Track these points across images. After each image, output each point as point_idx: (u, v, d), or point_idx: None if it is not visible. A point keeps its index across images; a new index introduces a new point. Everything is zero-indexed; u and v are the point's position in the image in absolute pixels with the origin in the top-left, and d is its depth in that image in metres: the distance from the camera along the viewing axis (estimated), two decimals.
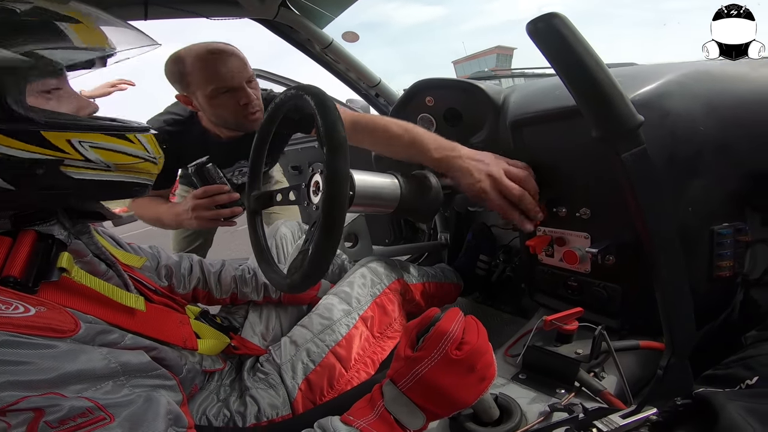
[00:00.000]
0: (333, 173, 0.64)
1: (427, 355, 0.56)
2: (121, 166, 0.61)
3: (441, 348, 0.55)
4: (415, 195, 0.97)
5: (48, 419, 0.42)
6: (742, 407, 0.50)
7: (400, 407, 0.57)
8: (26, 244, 0.55)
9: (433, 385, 0.55)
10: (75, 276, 0.57)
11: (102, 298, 0.59)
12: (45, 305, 0.50)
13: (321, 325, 0.94)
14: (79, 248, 0.63)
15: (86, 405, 0.44)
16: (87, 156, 0.56)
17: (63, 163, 0.54)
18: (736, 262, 0.86)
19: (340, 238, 0.67)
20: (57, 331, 0.48)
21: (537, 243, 0.98)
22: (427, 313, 0.62)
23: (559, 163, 0.95)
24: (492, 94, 1.10)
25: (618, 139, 0.63)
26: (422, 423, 0.58)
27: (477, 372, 0.57)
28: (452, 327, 0.57)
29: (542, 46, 0.61)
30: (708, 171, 0.81)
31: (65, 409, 0.43)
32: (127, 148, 0.61)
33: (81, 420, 0.43)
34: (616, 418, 0.60)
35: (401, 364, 0.58)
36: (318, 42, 1.58)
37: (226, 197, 1.18)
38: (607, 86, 0.60)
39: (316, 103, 0.70)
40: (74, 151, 0.55)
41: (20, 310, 0.47)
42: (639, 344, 0.86)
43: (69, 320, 0.50)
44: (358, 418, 0.57)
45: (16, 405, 0.41)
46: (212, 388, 0.87)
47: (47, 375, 0.44)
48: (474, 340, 0.57)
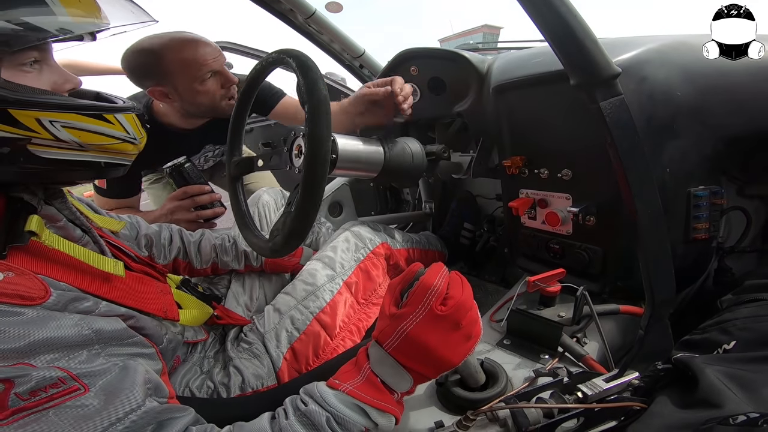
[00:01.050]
0: (314, 131, 0.63)
1: (412, 311, 0.54)
2: (96, 147, 0.57)
3: (425, 303, 0.54)
4: (398, 159, 0.96)
5: (17, 391, 0.40)
6: (721, 372, 0.51)
7: (386, 369, 0.56)
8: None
9: (419, 343, 0.54)
10: (46, 240, 0.55)
11: (76, 264, 0.57)
12: (13, 270, 0.47)
13: (305, 291, 0.93)
14: (51, 213, 0.60)
15: (58, 374, 0.43)
16: (58, 135, 0.53)
17: (30, 141, 0.52)
18: (711, 224, 0.88)
19: (322, 196, 0.66)
20: (25, 298, 0.46)
21: (520, 204, 0.99)
22: (411, 269, 0.61)
23: (541, 126, 0.96)
24: (476, 62, 1.10)
25: (595, 86, 0.63)
26: (409, 385, 0.57)
27: (463, 329, 0.56)
28: (436, 281, 0.55)
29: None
30: (685, 133, 0.83)
31: (35, 379, 0.41)
32: (105, 129, 0.58)
33: (53, 391, 0.42)
34: (599, 381, 0.60)
35: (386, 322, 0.57)
36: (300, 12, 1.53)
37: (208, 197, 1.17)
38: (582, 34, 0.60)
39: (298, 64, 0.69)
40: (43, 131, 0.52)
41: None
42: (620, 308, 0.88)
43: (38, 286, 0.48)
44: (344, 382, 0.56)
45: None
46: (195, 360, 0.86)
47: (14, 344, 0.42)
48: (458, 295, 0.56)
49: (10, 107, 0.49)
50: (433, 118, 1.29)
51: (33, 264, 0.52)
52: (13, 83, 0.52)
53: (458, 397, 0.69)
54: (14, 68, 0.53)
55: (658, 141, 0.81)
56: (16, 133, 0.50)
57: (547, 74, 0.88)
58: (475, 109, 1.12)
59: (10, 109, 0.49)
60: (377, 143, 0.96)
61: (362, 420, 0.53)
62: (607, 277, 0.93)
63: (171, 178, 1.18)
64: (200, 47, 1.15)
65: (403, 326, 0.55)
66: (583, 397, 0.58)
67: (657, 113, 0.80)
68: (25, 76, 0.54)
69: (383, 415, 0.55)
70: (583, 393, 0.59)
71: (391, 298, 0.60)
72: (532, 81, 0.93)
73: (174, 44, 1.12)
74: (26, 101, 0.51)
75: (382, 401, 0.55)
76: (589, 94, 0.64)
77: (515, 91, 0.98)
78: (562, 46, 0.62)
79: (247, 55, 2.06)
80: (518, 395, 0.64)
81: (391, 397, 0.56)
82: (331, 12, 1.64)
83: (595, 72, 0.62)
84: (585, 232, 0.93)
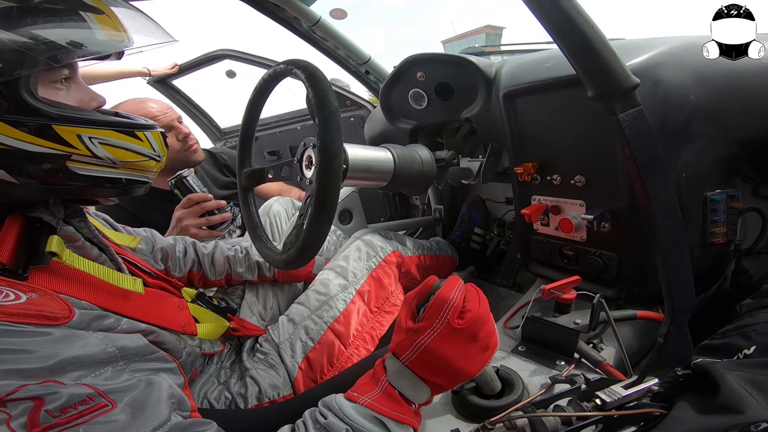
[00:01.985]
0: (326, 144, 0.63)
1: (429, 325, 0.54)
2: (126, 163, 0.59)
3: (443, 317, 0.54)
4: (408, 167, 0.96)
5: (48, 408, 0.41)
6: (741, 377, 0.50)
7: (403, 381, 0.56)
8: (14, 229, 0.53)
9: (437, 356, 0.54)
10: (66, 260, 0.56)
11: (96, 282, 0.58)
12: (36, 291, 0.48)
13: (318, 301, 0.94)
14: (69, 233, 0.61)
15: (86, 392, 0.44)
16: (95, 152, 0.55)
17: (70, 158, 0.53)
18: (728, 228, 0.86)
19: (335, 209, 0.66)
20: (50, 318, 0.47)
21: (532, 211, 0.98)
22: (426, 282, 0.61)
23: (552, 132, 0.95)
24: (483, 67, 1.09)
25: (614, 99, 0.62)
26: (427, 396, 0.57)
27: (480, 341, 0.56)
28: (452, 295, 0.56)
29: (535, 8, 0.60)
30: (700, 137, 0.82)
31: (65, 396, 0.42)
32: (135, 146, 0.60)
33: (82, 407, 0.43)
34: (618, 388, 0.59)
35: (402, 336, 0.57)
36: (305, 19, 1.54)
37: (214, 203, 1.19)
38: (601, 47, 0.59)
39: (307, 75, 0.69)
40: (83, 147, 0.54)
41: (11, 297, 0.46)
42: (636, 314, 0.87)
43: (62, 306, 0.49)
44: (362, 395, 0.56)
45: (14, 394, 0.40)
46: (212, 371, 0.87)
47: (44, 363, 0.43)
48: (476, 308, 0.56)
49: (54, 123, 0.51)
50: (441, 124, 1.28)
51: (54, 284, 0.52)
52: (52, 100, 0.53)
53: (474, 405, 0.68)
54: (48, 85, 0.54)
55: (674, 146, 0.80)
56: (58, 149, 0.52)
57: (558, 79, 0.87)
58: (484, 115, 1.11)
59: (54, 125, 0.51)
60: (387, 151, 0.96)
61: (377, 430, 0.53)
62: (623, 283, 0.92)
63: (176, 189, 1.20)
64: (148, 106, 1.30)
65: (420, 340, 0.55)
66: (602, 404, 0.58)
67: (671, 117, 0.79)
68: (57, 93, 0.55)
69: (401, 426, 0.55)
70: (601, 400, 0.58)
71: (407, 311, 0.60)
72: (543, 86, 0.91)
73: (126, 107, 1.26)
74: (69, 117, 0.53)
75: (401, 413, 0.55)
76: (607, 106, 0.63)
77: (525, 97, 0.97)
78: (580, 58, 0.62)
79: (251, 63, 2.07)
80: (535, 403, 0.64)
81: (408, 408, 0.56)
82: (336, 18, 1.65)
83: (614, 84, 0.61)
84: (599, 238, 0.92)
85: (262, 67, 2.04)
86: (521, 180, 1.00)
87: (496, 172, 1.18)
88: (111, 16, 0.57)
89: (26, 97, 0.49)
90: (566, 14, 0.58)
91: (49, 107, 0.51)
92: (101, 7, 0.57)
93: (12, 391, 0.40)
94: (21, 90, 0.49)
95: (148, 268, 0.77)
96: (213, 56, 2.14)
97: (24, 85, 0.49)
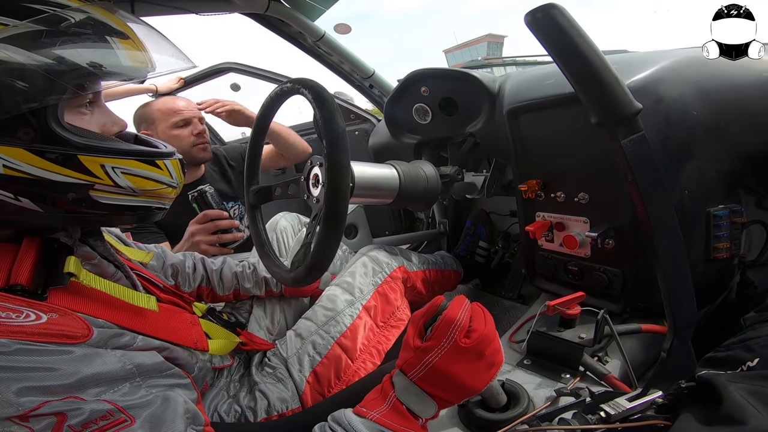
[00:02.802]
0: (333, 165, 0.64)
1: (437, 344, 0.56)
2: (146, 192, 0.59)
3: (450, 337, 0.56)
4: (413, 184, 0.97)
5: (71, 423, 0.42)
6: (744, 389, 0.51)
7: (411, 396, 0.57)
8: (32, 250, 0.53)
9: (444, 373, 0.56)
10: (84, 280, 0.57)
11: (112, 301, 0.59)
12: (56, 311, 0.49)
13: (325, 317, 0.95)
14: (85, 252, 0.62)
15: (106, 407, 0.45)
16: (117, 182, 0.55)
17: (93, 187, 0.54)
18: (732, 243, 0.87)
19: (343, 229, 0.68)
20: (70, 338, 0.48)
21: (536, 228, 0.99)
22: (433, 302, 0.63)
23: (556, 150, 0.96)
24: (487, 82, 1.10)
25: (617, 125, 0.63)
26: (434, 411, 0.59)
27: (486, 358, 0.57)
28: (459, 315, 0.57)
29: (541, 36, 0.61)
30: (702, 153, 0.83)
31: (87, 412, 0.43)
32: (155, 175, 0.60)
33: (103, 423, 0.44)
34: (622, 401, 0.60)
35: (410, 354, 0.58)
36: (310, 35, 1.56)
37: (227, 222, 1.22)
38: (605, 74, 0.60)
39: (314, 96, 0.70)
40: (106, 177, 0.54)
41: (32, 318, 0.46)
42: (641, 327, 0.87)
43: (81, 326, 0.50)
44: (370, 410, 0.57)
45: (38, 410, 0.41)
46: (222, 384, 0.87)
47: (66, 380, 0.44)
48: (482, 328, 0.58)
49: (79, 153, 0.52)
50: (446, 138, 1.29)
51: (72, 303, 0.54)
52: (78, 127, 0.54)
53: (480, 419, 0.69)
54: (73, 110, 0.55)
55: (676, 163, 0.81)
56: (82, 179, 0.52)
57: (561, 96, 0.88)
58: (488, 130, 1.12)
59: (79, 155, 0.52)
60: (392, 169, 0.97)
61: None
62: (627, 298, 0.92)
63: (195, 203, 1.23)
64: (177, 101, 1.51)
65: (428, 358, 0.56)
66: (606, 416, 0.59)
67: (673, 135, 0.80)
68: (82, 118, 0.56)
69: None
70: (606, 413, 0.59)
71: (415, 330, 0.61)
72: (547, 104, 0.92)
73: (162, 100, 1.52)
74: (94, 147, 0.53)
75: (408, 428, 0.56)
76: (610, 133, 0.64)
77: (529, 114, 0.98)
78: (584, 86, 0.63)
79: (256, 77, 2.09)
80: (540, 416, 0.65)
81: (416, 423, 0.57)
82: (340, 33, 1.67)
83: (617, 110, 0.62)
84: (604, 254, 0.92)
85: (267, 80, 2.06)
86: (526, 197, 1.01)
87: (500, 186, 1.19)
88: (135, 40, 0.58)
89: (53, 126, 0.50)
90: (571, 42, 0.59)
91: (75, 137, 0.52)
92: (127, 32, 0.57)
93: (36, 407, 0.41)
94: (49, 118, 0.50)
95: (161, 283, 0.79)
96: (217, 69, 2.16)
97: (51, 113, 0.50)
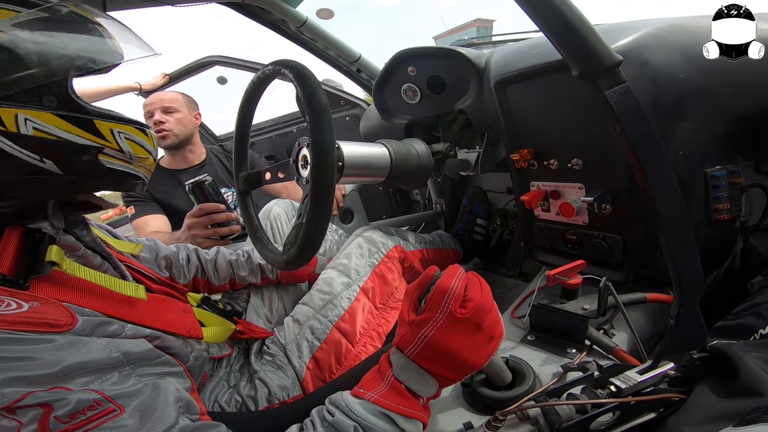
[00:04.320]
0: (318, 140, 0.63)
1: (432, 316, 0.54)
2: (139, 159, 0.63)
3: (445, 307, 0.53)
4: (405, 162, 0.96)
5: (57, 414, 0.41)
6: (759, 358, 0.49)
7: (410, 375, 0.55)
8: (13, 239, 0.53)
9: (441, 347, 0.54)
10: (67, 269, 0.56)
11: (98, 290, 0.58)
12: (38, 300, 0.49)
13: (322, 301, 0.94)
14: (69, 242, 0.62)
15: (94, 397, 0.44)
16: (121, 146, 0.59)
17: (102, 150, 0.57)
18: (732, 204, 0.85)
19: (332, 205, 0.66)
20: (53, 326, 0.47)
21: (532, 198, 0.97)
22: (426, 272, 0.60)
23: (546, 118, 0.94)
24: (473, 58, 1.08)
25: (598, 76, 0.62)
26: (434, 389, 0.57)
27: (485, 330, 0.55)
28: (453, 284, 0.55)
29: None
30: (693, 115, 0.81)
31: (72, 402, 0.42)
32: (146, 143, 0.63)
33: (91, 413, 0.43)
34: (633, 374, 0.58)
35: (406, 329, 0.56)
36: (292, 21, 1.54)
37: (224, 216, 1.21)
38: (580, 26, 0.59)
39: (295, 74, 0.69)
40: (113, 141, 0.58)
41: (12, 306, 0.46)
42: (646, 297, 0.86)
43: (65, 314, 0.49)
44: (368, 390, 0.55)
45: (22, 401, 0.40)
46: (221, 374, 0.87)
47: (49, 369, 0.43)
48: (478, 297, 0.55)
49: (94, 118, 0.56)
50: (436, 117, 1.28)
51: (56, 292, 0.53)
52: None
53: (485, 397, 0.68)
54: None
55: (668, 124, 0.79)
56: (96, 142, 0.56)
57: (547, 64, 0.87)
58: (478, 105, 1.11)
59: (94, 120, 0.56)
60: (382, 147, 0.96)
61: (389, 427, 0.53)
62: (629, 265, 0.91)
63: (192, 194, 1.22)
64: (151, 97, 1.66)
65: (424, 332, 0.54)
66: (617, 390, 0.57)
67: (662, 97, 0.78)
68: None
69: (410, 421, 0.55)
70: (616, 387, 0.57)
71: (409, 304, 0.59)
72: (533, 72, 0.91)
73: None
74: (103, 113, 0.57)
75: (408, 407, 0.54)
76: (593, 84, 0.63)
77: (516, 84, 0.96)
78: (561, 38, 0.61)
79: (241, 68, 2.07)
80: (547, 392, 0.63)
81: (416, 402, 0.56)
82: (322, 18, 1.65)
83: (597, 62, 0.61)
84: (602, 220, 0.91)
85: (252, 71, 2.04)
86: (518, 167, 0.99)
87: (494, 162, 1.18)
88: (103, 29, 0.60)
89: (72, 95, 0.54)
90: None
91: (87, 104, 0.56)
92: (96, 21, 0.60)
93: (20, 398, 0.40)
94: (68, 88, 0.54)
95: (153, 274, 0.77)
96: (202, 63, 2.14)
97: (70, 84, 0.54)
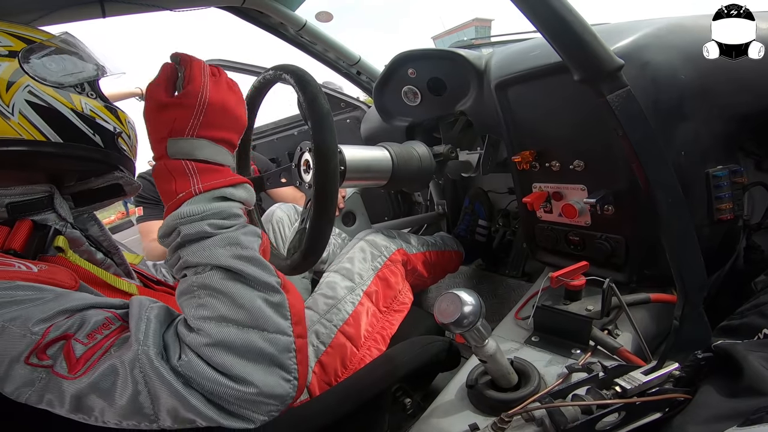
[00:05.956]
0: (320, 145, 0.63)
1: (199, 83, 0.53)
2: (132, 148, 0.70)
3: (204, 71, 0.54)
4: (407, 164, 0.96)
5: (78, 336, 0.45)
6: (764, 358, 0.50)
7: (204, 150, 0.53)
8: (24, 228, 0.57)
9: (221, 105, 0.54)
10: (71, 258, 0.59)
11: (98, 280, 0.61)
12: (46, 264, 0.53)
13: (326, 305, 0.93)
14: (74, 236, 0.63)
15: (106, 315, 0.48)
16: (130, 133, 0.69)
17: (121, 135, 0.67)
18: (735, 204, 0.85)
19: (335, 209, 0.67)
20: (61, 285, 0.51)
21: (534, 199, 0.97)
22: (164, 67, 0.58)
23: (547, 119, 0.94)
24: (473, 59, 1.09)
25: (600, 80, 0.62)
26: (228, 156, 0.56)
27: (231, 86, 0.57)
28: (194, 57, 0.56)
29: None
30: (695, 115, 0.81)
31: (90, 322, 0.46)
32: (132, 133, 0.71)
33: (106, 331, 0.46)
34: (637, 374, 0.58)
35: (169, 115, 0.52)
36: (291, 24, 1.53)
37: None
38: (581, 31, 0.59)
39: (296, 80, 0.70)
40: (128, 127, 0.68)
41: (24, 269, 0.50)
42: (650, 297, 0.86)
43: (70, 276, 0.54)
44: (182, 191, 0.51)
45: (48, 336, 0.43)
46: None
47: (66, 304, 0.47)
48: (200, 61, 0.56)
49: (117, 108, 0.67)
50: (437, 119, 1.28)
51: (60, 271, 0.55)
52: None
53: (491, 399, 0.68)
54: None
55: (669, 125, 0.79)
56: (119, 127, 0.66)
57: (547, 66, 0.87)
58: (478, 106, 1.11)
59: (117, 110, 0.67)
60: (384, 150, 0.96)
61: (227, 203, 0.52)
62: (632, 266, 0.91)
63: None
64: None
65: (200, 100, 0.52)
66: (622, 391, 0.57)
67: (663, 97, 0.78)
68: None
69: (240, 187, 0.55)
70: (621, 387, 0.57)
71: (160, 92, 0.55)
72: (533, 74, 0.91)
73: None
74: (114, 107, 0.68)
75: (227, 176, 0.54)
76: (594, 88, 0.63)
77: (517, 86, 0.96)
78: (562, 43, 0.62)
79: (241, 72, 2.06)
80: (552, 393, 0.63)
81: (227, 169, 0.55)
82: (321, 21, 1.65)
83: (598, 66, 0.61)
84: (604, 221, 0.91)
85: (252, 75, 2.03)
86: (520, 168, 0.99)
87: (495, 163, 1.18)
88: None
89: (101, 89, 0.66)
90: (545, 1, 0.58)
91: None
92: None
93: (46, 332, 0.43)
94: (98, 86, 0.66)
95: (154, 277, 0.79)
96: None
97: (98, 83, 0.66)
